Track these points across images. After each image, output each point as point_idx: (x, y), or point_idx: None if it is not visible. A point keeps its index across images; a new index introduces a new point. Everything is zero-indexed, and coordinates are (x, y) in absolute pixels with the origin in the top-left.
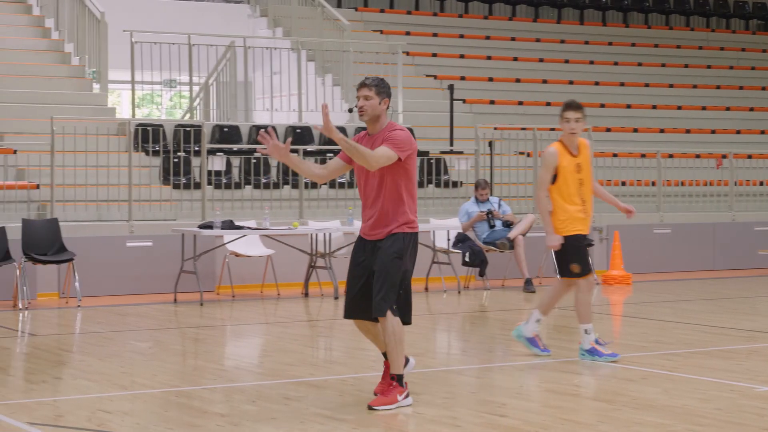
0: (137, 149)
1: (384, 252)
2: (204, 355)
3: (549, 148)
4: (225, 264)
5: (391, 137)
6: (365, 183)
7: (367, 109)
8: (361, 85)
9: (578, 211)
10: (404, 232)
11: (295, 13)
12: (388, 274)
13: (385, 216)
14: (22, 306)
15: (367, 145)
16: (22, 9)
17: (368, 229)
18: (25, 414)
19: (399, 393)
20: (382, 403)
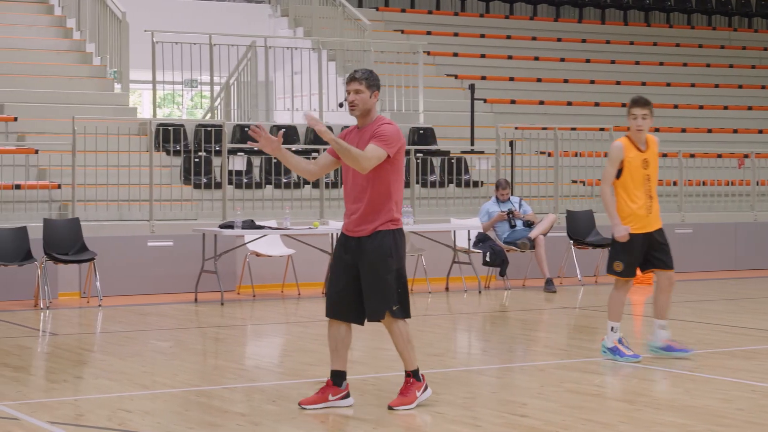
0: (158, 149)
1: (372, 254)
2: (224, 354)
3: (615, 142)
4: (246, 264)
5: (379, 133)
6: (353, 178)
7: (359, 103)
8: (350, 78)
9: (641, 207)
10: (389, 230)
11: (315, 13)
12: (379, 277)
13: (371, 212)
14: (44, 305)
15: (355, 139)
16: (44, 9)
17: (352, 225)
18: (46, 413)
19: (417, 389)
20: (402, 404)
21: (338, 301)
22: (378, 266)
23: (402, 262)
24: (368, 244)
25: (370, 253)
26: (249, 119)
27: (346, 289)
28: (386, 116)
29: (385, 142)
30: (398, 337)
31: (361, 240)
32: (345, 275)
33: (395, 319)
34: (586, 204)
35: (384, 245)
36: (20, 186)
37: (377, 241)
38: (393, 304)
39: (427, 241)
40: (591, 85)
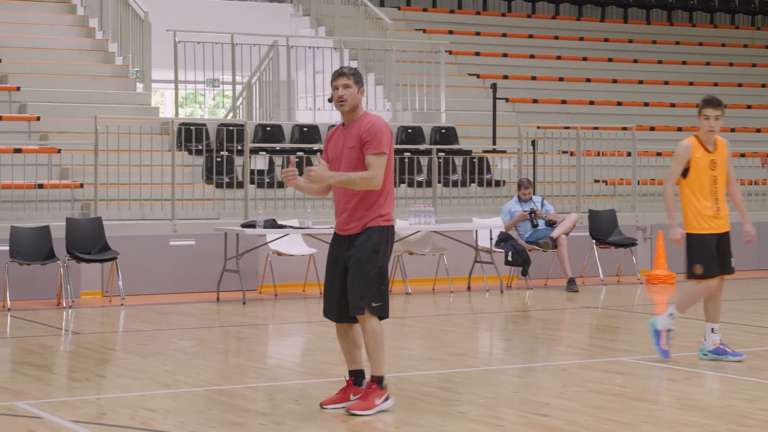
0: (180, 148)
1: (359, 248)
2: (246, 353)
3: (683, 141)
4: (267, 263)
5: (369, 136)
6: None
7: (348, 98)
8: (338, 74)
9: (708, 208)
10: (379, 226)
11: (337, 13)
12: (363, 271)
13: (361, 209)
14: (66, 304)
15: (342, 137)
16: (67, 9)
17: (342, 224)
18: (68, 412)
19: (378, 396)
20: (360, 408)
21: (331, 302)
22: (363, 260)
23: (387, 260)
24: (358, 239)
25: (357, 248)
26: (271, 119)
27: (337, 290)
28: (408, 116)
29: (378, 145)
30: (370, 335)
31: (350, 237)
32: (337, 275)
33: (372, 316)
34: (609, 203)
35: (372, 240)
36: (43, 185)
37: (366, 236)
38: (374, 300)
39: (449, 240)
40: (613, 84)
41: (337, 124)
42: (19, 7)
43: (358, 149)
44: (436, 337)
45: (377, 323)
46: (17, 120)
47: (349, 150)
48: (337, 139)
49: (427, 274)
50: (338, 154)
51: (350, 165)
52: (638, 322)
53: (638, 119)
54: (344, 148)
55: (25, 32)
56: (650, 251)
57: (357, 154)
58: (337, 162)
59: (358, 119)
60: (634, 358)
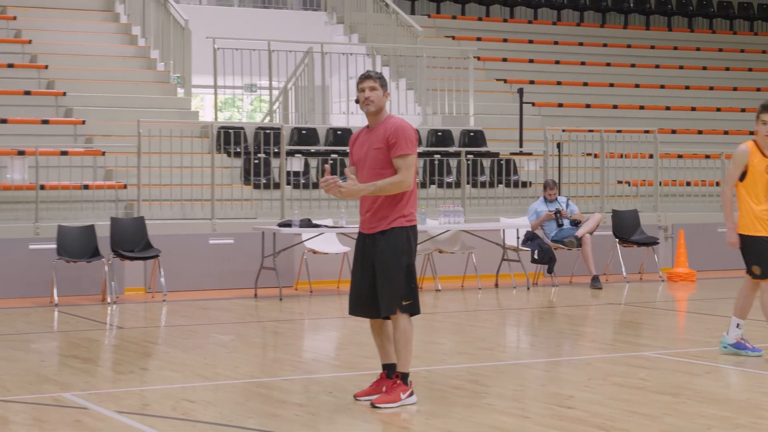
0: (219, 151)
1: (385, 249)
2: (283, 347)
3: (741, 145)
4: (303, 261)
5: (396, 138)
6: (366, 176)
7: (374, 99)
8: (365, 77)
9: (764, 211)
10: (403, 226)
11: (370, 20)
12: (392, 271)
13: (385, 209)
14: (111, 300)
15: (366, 140)
16: (110, 17)
17: (367, 223)
18: (113, 403)
19: (403, 391)
20: (385, 401)
21: (357, 300)
22: (390, 261)
23: (413, 258)
24: (382, 240)
25: (384, 250)
26: (306, 122)
27: (364, 287)
28: (438, 120)
29: (405, 147)
30: (401, 333)
31: (375, 237)
32: (362, 273)
33: (403, 314)
34: (632, 204)
35: (397, 242)
36: (88, 186)
37: (391, 237)
38: (404, 299)
39: (478, 239)
40: (636, 89)
41: (360, 128)
42: (65, 16)
43: (384, 150)
44: (465, 332)
45: (408, 321)
46: (64, 124)
47: (374, 151)
48: (362, 142)
49: (456, 272)
50: (363, 156)
51: (375, 165)
52: (660, 319)
53: (660, 123)
54: (369, 150)
55: (71, 40)
56: (672, 250)
57: (383, 155)
58: (362, 163)
59: (382, 121)
60: (656, 352)
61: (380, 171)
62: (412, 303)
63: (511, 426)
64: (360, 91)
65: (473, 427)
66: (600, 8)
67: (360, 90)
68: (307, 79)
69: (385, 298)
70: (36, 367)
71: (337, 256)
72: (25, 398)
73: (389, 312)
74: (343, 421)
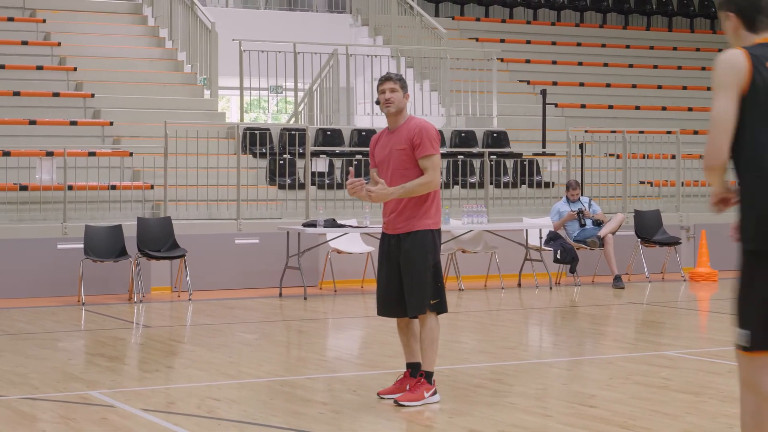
0: (245, 152)
1: (411, 249)
2: (307, 346)
3: None
4: (327, 260)
5: (420, 139)
6: (390, 179)
7: (394, 100)
8: (385, 79)
9: None
10: (428, 229)
11: (394, 22)
12: (419, 272)
13: (411, 208)
14: (137, 299)
15: (388, 142)
16: (138, 20)
17: (392, 224)
18: (139, 401)
19: (426, 390)
20: (408, 399)
21: (384, 300)
22: (417, 262)
23: (438, 257)
24: (407, 241)
25: (409, 249)
26: (331, 123)
27: (391, 287)
28: (462, 121)
29: (430, 147)
30: (428, 332)
31: (399, 237)
32: (388, 273)
33: (431, 313)
34: (654, 204)
35: (423, 242)
36: (116, 186)
37: (416, 238)
38: (432, 298)
39: (501, 239)
40: (658, 90)
41: (381, 130)
42: (93, 19)
43: (408, 151)
44: (487, 331)
45: (435, 321)
46: (92, 125)
47: (398, 152)
48: (384, 143)
49: (480, 272)
50: (386, 157)
51: (400, 167)
52: (682, 318)
53: (682, 123)
54: (392, 151)
55: (99, 42)
56: (693, 250)
57: (406, 156)
58: (385, 165)
59: (404, 123)
60: (678, 352)
61: (404, 172)
62: (440, 301)
63: (533, 424)
64: (380, 92)
65: (496, 426)
66: (623, 10)
67: (380, 92)
68: (332, 81)
69: (413, 297)
70: (63, 365)
71: (362, 256)
72: (52, 396)
73: (418, 311)
74: (366, 419)
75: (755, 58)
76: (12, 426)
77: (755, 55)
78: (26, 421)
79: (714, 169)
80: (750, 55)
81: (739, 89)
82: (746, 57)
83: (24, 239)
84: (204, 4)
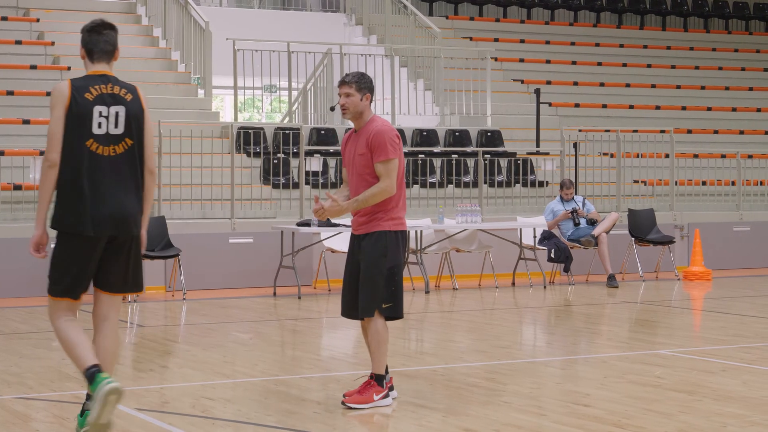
0: (239, 151)
1: (367, 252)
2: (302, 345)
3: None
4: (322, 259)
5: (376, 144)
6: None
7: (349, 106)
8: (341, 82)
9: None
10: (388, 230)
11: (388, 22)
12: (371, 274)
13: (372, 212)
14: (131, 299)
15: (354, 143)
16: (132, 19)
17: (356, 224)
18: (133, 400)
19: (376, 393)
20: (356, 402)
21: (345, 303)
22: (371, 264)
23: (397, 260)
24: (366, 242)
25: (366, 251)
26: (325, 123)
27: (351, 288)
28: (456, 120)
29: (385, 152)
30: (374, 334)
31: (360, 238)
32: (350, 274)
33: (379, 317)
34: (647, 203)
35: (379, 244)
36: None
37: (374, 239)
38: (382, 302)
39: (495, 238)
40: (652, 89)
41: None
42: (86, 18)
43: (368, 156)
44: (482, 330)
45: (382, 324)
46: None
47: (359, 157)
48: (350, 147)
49: (474, 271)
50: (350, 161)
51: (362, 171)
52: (676, 317)
53: (676, 122)
54: (355, 155)
55: None
56: (687, 249)
57: (366, 161)
58: (350, 168)
59: (366, 125)
60: (671, 350)
61: (367, 177)
62: (392, 306)
63: (527, 423)
64: (339, 96)
65: (490, 425)
66: (616, 9)
67: (339, 95)
68: (326, 80)
69: (363, 300)
70: (57, 365)
71: None
72: (46, 396)
73: (367, 314)
74: (360, 418)
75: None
76: (6, 426)
77: (76, 86)
78: (20, 420)
79: None
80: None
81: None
82: (69, 86)
83: (18, 239)
84: (198, 4)
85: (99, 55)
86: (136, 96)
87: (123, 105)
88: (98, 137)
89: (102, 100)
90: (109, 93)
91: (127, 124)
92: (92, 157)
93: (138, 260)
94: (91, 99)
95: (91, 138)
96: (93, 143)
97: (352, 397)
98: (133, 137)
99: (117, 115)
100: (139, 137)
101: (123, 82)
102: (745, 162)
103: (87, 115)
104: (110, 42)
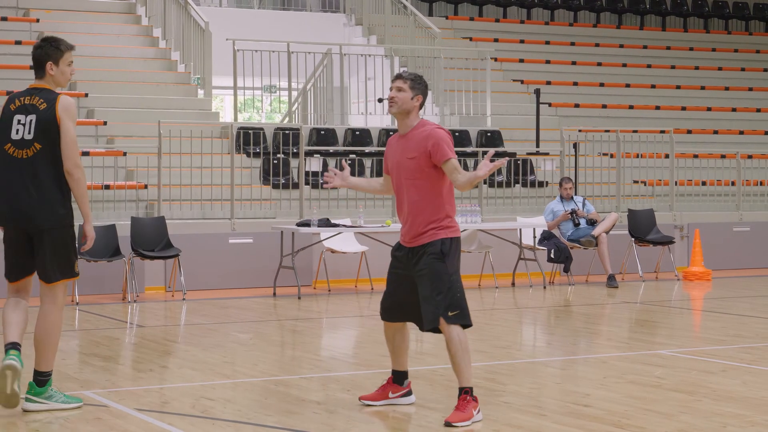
0: (239, 151)
1: (425, 261)
2: (301, 346)
3: None
4: (321, 260)
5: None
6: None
7: (398, 100)
8: (396, 77)
9: None
10: (445, 238)
11: (388, 22)
12: (433, 284)
13: (425, 222)
14: (131, 299)
15: (398, 149)
16: (132, 20)
17: (408, 237)
18: (133, 401)
19: (474, 408)
20: (460, 419)
21: (392, 307)
22: (432, 274)
23: (455, 267)
24: (422, 253)
25: (424, 261)
26: (325, 123)
27: (401, 296)
28: (456, 120)
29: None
30: (457, 345)
31: (415, 249)
32: (399, 284)
33: (451, 325)
34: (647, 203)
35: (437, 252)
36: (109, 186)
37: (431, 249)
38: (447, 310)
39: (495, 238)
40: (652, 89)
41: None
42: (86, 18)
43: (419, 160)
44: (482, 330)
45: (459, 332)
46: (85, 125)
47: (408, 161)
48: (395, 150)
49: (474, 271)
50: (396, 165)
51: (410, 175)
52: (676, 317)
53: (676, 123)
54: (403, 159)
55: (93, 42)
56: (687, 249)
57: (416, 165)
58: (396, 172)
59: (415, 128)
60: (671, 351)
61: (415, 182)
62: (459, 313)
63: (527, 424)
64: (390, 89)
65: (490, 425)
66: (616, 10)
67: (390, 89)
68: (326, 80)
69: (427, 312)
70: (57, 365)
71: (356, 255)
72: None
73: (432, 325)
74: (360, 418)
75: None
76: (5, 426)
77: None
78: (20, 420)
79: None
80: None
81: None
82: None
83: None
84: (198, 4)
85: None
86: (51, 106)
87: (35, 114)
88: (15, 142)
89: (23, 110)
90: (29, 104)
91: (36, 131)
92: (9, 159)
93: (58, 252)
94: (13, 109)
95: (9, 143)
96: (10, 147)
97: (454, 415)
98: (41, 142)
99: (30, 123)
100: (49, 142)
101: (49, 95)
102: (745, 162)
103: (8, 122)
104: (38, 59)
